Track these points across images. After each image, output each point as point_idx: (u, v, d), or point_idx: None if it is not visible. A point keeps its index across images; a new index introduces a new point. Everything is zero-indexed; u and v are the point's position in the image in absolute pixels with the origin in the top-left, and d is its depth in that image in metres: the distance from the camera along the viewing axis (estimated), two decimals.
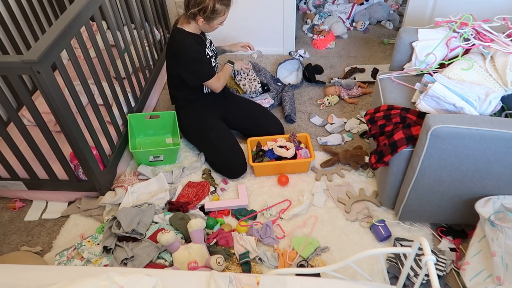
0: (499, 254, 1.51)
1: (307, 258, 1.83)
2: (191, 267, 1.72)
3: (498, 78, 1.71)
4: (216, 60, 2.29)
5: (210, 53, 2.21)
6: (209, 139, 2.23)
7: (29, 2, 2.49)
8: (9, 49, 2.38)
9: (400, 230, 1.91)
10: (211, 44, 2.28)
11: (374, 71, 2.86)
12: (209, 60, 2.19)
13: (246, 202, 2.06)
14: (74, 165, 2.01)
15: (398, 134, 1.68)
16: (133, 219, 1.87)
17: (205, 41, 2.20)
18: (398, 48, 2.02)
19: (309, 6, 3.57)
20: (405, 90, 1.93)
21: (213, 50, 2.29)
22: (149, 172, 2.23)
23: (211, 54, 2.23)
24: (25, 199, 2.20)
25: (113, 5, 2.20)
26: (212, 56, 2.23)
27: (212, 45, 2.29)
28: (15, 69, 1.54)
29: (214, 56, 2.26)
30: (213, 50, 2.27)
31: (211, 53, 2.23)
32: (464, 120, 1.48)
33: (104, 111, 2.10)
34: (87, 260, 1.83)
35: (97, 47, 1.97)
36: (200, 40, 2.15)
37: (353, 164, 2.21)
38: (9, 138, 1.82)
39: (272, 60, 3.10)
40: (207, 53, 2.18)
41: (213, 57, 2.25)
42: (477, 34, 1.82)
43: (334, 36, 3.25)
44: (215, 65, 2.26)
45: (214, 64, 2.24)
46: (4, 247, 2.00)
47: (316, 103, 2.69)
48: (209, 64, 2.18)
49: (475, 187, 1.64)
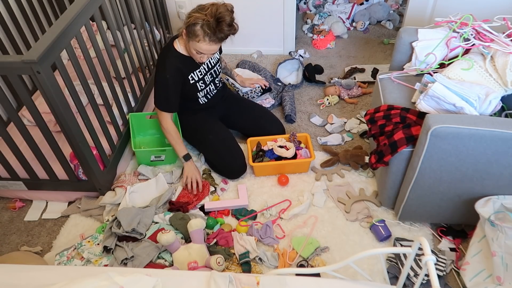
0: (499, 254, 1.51)
1: (307, 258, 1.83)
2: (191, 267, 1.72)
3: (498, 78, 1.71)
4: (214, 73, 2.17)
5: (197, 77, 2.07)
6: (209, 139, 2.23)
7: (29, 2, 2.49)
8: (9, 49, 2.38)
9: (400, 230, 1.91)
10: (210, 67, 2.13)
11: (374, 71, 2.86)
12: (194, 85, 2.08)
13: (246, 202, 2.06)
14: (74, 165, 2.01)
15: (398, 134, 1.68)
16: (134, 219, 1.87)
17: (197, 63, 2.05)
18: (398, 48, 2.02)
19: (309, 6, 3.57)
20: (405, 90, 1.93)
21: (213, 73, 2.16)
22: (149, 172, 2.23)
23: (204, 72, 2.09)
24: (25, 199, 2.20)
25: (113, 5, 2.20)
26: (199, 81, 2.10)
27: (211, 68, 2.14)
28: (15, 69, 1.54)
29: (205, 81, 2.13)
30: (212, 73, 2.15)
31: (205, 70, 2.10)
32: (464, 120, 1.48)
33: (104, 111, 2.10)
34: (87, 260, 1.83)
35: (97, 47, 1.97)
36: (188, 62, 2.01)
37: (353, 164, 2.21)
38: (9, 138, 1.82)
39: (272, 60, 3.10)
40: (192, 77, 2.06)
41: (201, 82, 2.11)
42: (477, 34, 1.82)
43: (334, 36, 3.25)
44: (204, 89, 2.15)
45: (202, 88, 2.13)
46: (4, 247, 2.00)
47: (316, 103, 2.69)
48: (174, 98, 2.04)
49: (475, 187, 1.64)
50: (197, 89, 2.13)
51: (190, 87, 2.10)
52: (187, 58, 2.02)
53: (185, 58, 2.02)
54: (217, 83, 2.25)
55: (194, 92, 2.13)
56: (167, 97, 2.05)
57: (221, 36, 1.83)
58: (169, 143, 2.16)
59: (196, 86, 2.11)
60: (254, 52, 3.13)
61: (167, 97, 2.06)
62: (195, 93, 2.14)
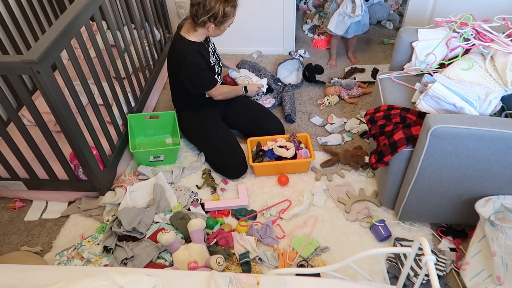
0: (499, 254, 1.51)
1: (307, 258, 1.83)
2: (191, 267, 1.72)
3: (498, 78, 1.71)
4: (220, 65, 2.27)
5: (213, 59, 2.19)
6: (210, 139, 2.23)
7: (29, 2, 2.49)
8: (9, 49, 2.38)
9: (400, 230, 1.91)
10: (215, 50, 2.26)
11: (374, 71, 2.86)
12: (213, 68, 2.18)
13: (246, 202, 2.06)
14: (74, 165, 2.01)
15: (398, 134, 1.68)
16: (134, 219, 1.87)
17: (208, 48, 2.17)
18: (398, 48, 2.02)
19: (309, 6, 3.57)
20: (405, 90, 1.93)
21: (217, 55, 2.26)
22: (149, 172, 2.23)
23: (215, 61, 2.21)
24: (25, 199, 2.20)
25: (113, 5, 2.20)
26: (216, 63, 2.21)
27: (216, 51, 2.26)
28: (15, 69, 1.54)
29: (218, 62, 2.24)
30: (216, 55, 2.25)
31: (215, 59, 2.21)
32: (464, 120, 1.48)
33: (104, 111, 2.10)
34: (87, 260, 1.83)
35: (97, 47, 1.97)
36: (203, 48, 2.11)
37: (353, 164, 2.21)
38: (9, 138, 1.82)
39: (272, 60, 3.10)
40: (211, 61, 2.17)
41: (217, 63, 2.23)
42: (477, 34, 1.82)
43: None
44: (219, 72, 2.24)
45: (218, 71, 2.22)
46: (4, 247, 2.00)
47: (316, 103, 2.69)
48: (211, 73, 2.16)
49: (475, 187, 1.64)
50: (215, 72, 2.19)
51: (212, 68, 2.17)
52: (200, 44, 2.10)
53: (199, 44, 2.09)
54: (219, 70, 2.29)
55: (212, 79, 2.18)
56: (206, 75, 2.12)
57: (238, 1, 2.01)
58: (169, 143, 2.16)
59: (214, 68, 2.19)
60: (254, 52, 3.13)
61: (206, 75, 2.13)
62: (214, 80, 2.18)
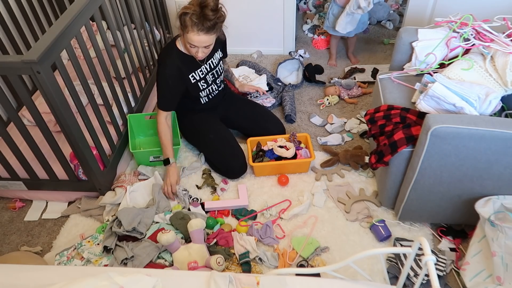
0: (499, 254, 1.51)
1: (307, 258, 1.83)
2: (191, 267, 1.72)
3: (498, 78, 1.71)
4: (213, 85, 2.18)
5: (199, 75, 2.08)
6: (209, 139, 2.23)
7: (29, 2, 2.49)
8: (9, 49, 2.38)
9: (400, 230, 1.91)
10: (212, 67, 2.12)
11: (374, 71, 2.86)
12: (195, 85, 2.09)
13: (246, 202, 2.06)
14: (74, 165, 2.01)
15: (398, 134, 1.68)
16: (134, 219, 1.87)
17: (201, 64, 2.07)
18: (398, 48, 2.02)
19: (309, 6, 3.57)
20: (405, 90, 1.93)
21: (215, 73, 2.15)
22: (149, 172, 2.23)
23: (199, 78, 2.09)
24: (25, 199, 2.20)
25: (113, 5, 2.20)
26: (201, 80, 2.10)
27: (218, 66, 2.15)
28: (15, 69, 1.54)
29: (207, 81, 2.13)
30: (214, 73, 2.15)
31: (201, 76, 2.09)
32: (464, 120, 1.48)
33: (104, 111, 2.10)
34: (87, 260, 1.83)
35: (97, 47, 1.97)
36: (188, 61, 2.02)
37: (353, 164, 2.21)
38: (9, 138, 1.82)
39: (272, 60, 3.10)
40: (192, 77, 2.06)
41: (202, 81, 2.11)
42: (477, 34, 1.82)
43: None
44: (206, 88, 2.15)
45: (203, 88, 2.13)
46: (4, 247, 2.00)
47: (316, 103, 2.69)
48: (173, 95, 2.05)
49: (475, 187, 1.64)
50: (199, 89, 2.14)
51: (192, 86, 2.10)
52: (188, 57, 2.02)
53: (186, 57, 2.02)
54: (219, 83, 2.25)
55: (196, 92, 2.14)
56: (164, 95, 2.08)
57: (208, 25, 1.78)
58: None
59: (198, 85, 2.12)
60: (254, 52, 3.13)
61: (164, 95, 2.08)
62: (197, 93, 2.15)
